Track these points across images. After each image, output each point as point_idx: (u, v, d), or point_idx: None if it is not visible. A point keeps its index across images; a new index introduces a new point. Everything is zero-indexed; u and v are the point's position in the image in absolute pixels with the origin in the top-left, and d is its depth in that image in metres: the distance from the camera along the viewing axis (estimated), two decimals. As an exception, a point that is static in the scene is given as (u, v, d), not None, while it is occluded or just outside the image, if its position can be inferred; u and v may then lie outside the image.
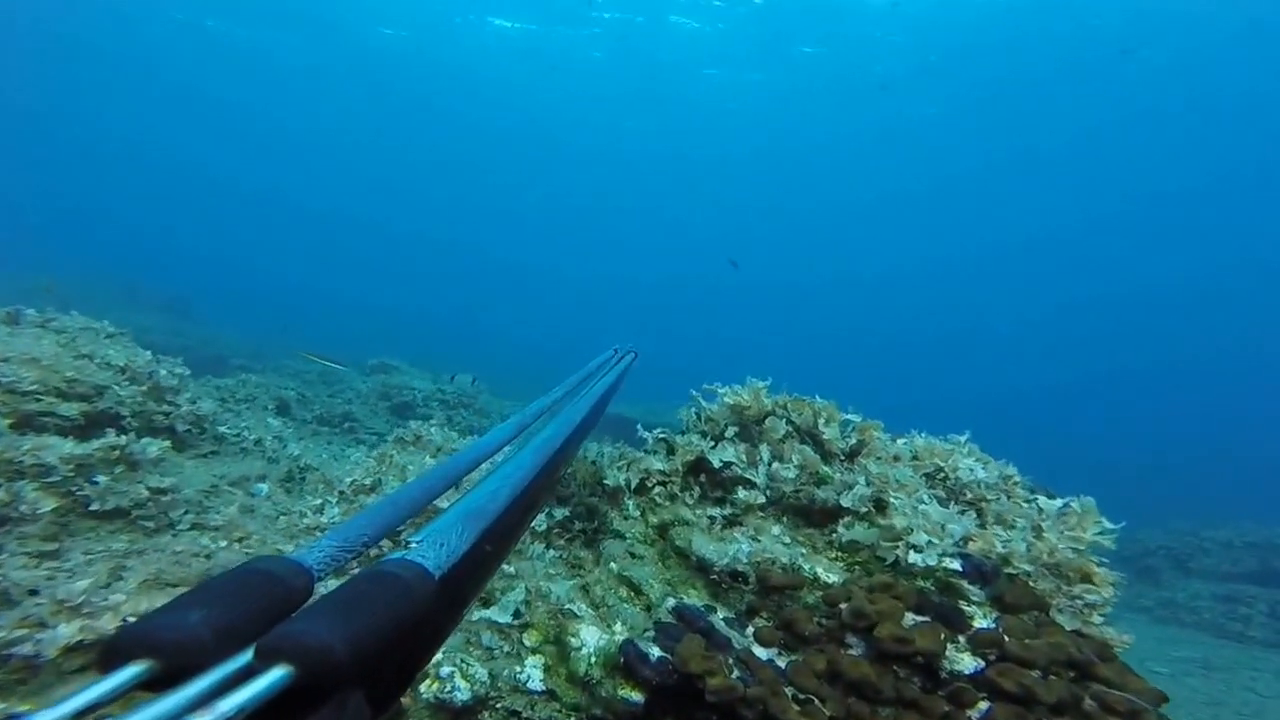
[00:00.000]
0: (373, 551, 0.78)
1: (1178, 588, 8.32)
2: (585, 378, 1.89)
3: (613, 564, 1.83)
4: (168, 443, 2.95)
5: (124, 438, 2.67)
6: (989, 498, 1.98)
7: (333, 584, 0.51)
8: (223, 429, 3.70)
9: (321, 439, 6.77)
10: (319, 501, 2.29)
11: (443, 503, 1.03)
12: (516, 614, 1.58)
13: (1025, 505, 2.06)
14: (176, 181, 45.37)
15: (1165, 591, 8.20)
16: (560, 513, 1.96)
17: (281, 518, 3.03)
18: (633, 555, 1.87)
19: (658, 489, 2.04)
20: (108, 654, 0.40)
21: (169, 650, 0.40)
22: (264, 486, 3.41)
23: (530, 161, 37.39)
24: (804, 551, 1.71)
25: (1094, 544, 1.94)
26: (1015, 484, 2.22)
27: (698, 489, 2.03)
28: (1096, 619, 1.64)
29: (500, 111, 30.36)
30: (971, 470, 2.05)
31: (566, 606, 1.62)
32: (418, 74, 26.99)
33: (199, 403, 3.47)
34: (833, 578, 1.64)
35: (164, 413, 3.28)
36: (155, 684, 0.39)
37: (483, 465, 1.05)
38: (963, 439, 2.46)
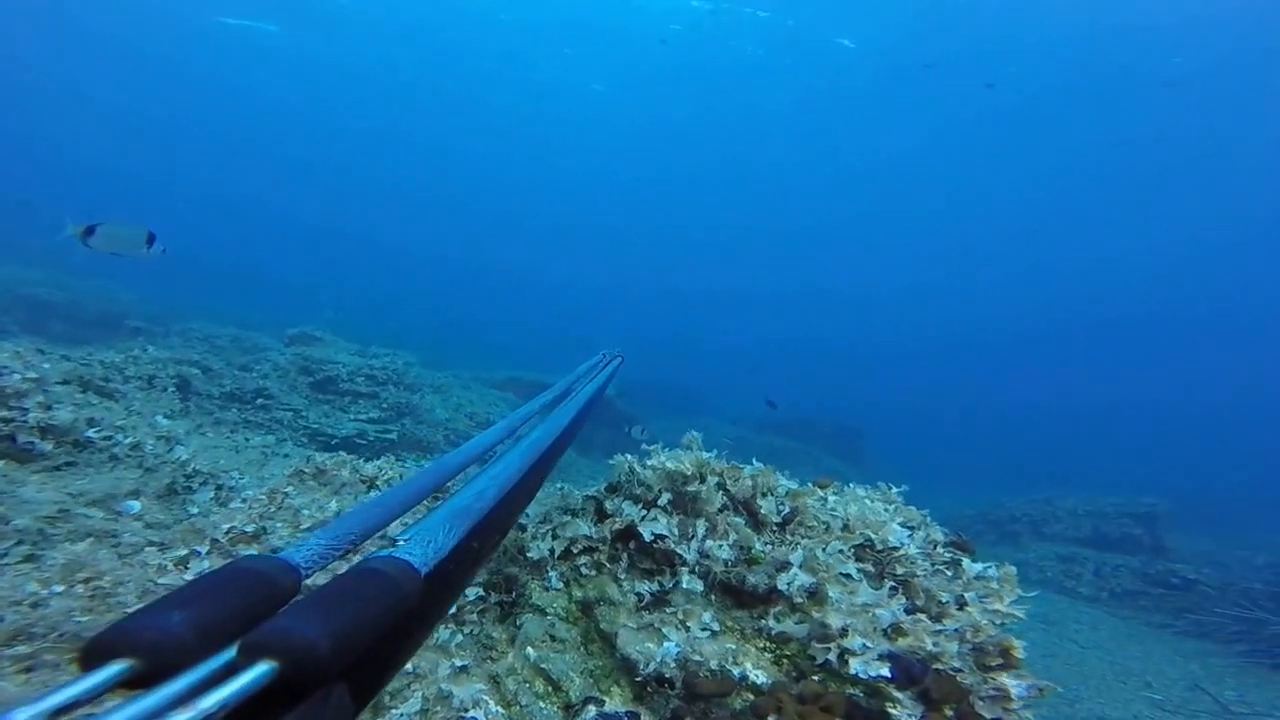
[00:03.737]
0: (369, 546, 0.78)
1: (1031, 550, 9.43)
2: (574, 381, 1.96)
3: (529, 649, 1.67)
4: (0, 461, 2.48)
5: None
6: (918, 572, 1.98)
7: (322, 581, 0.51)
8: (90, 433, 3.18)
9: (226, 425, 6.13)
10: (185, 553, 1.97)
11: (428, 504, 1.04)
12: (411, 728, 1.40)
13: (948, 573, 2.08)
14: (67, 113, 39.42)
15: (1022, 554, 9.25)
16: (474, 592, 1.77)
17: (149, 548, 2.64)
18: (553, 638, 1.71)
19: (584, 557, 1.89)
20: (88, 653, 0.39)
21: (150, 649, 0.39)
22: (135, 504, 2.97)
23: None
24: (733, 646, 1.62)
25: (1008, 616, 1.99)
26: (937, 547, 2.24)
27: (627, 558, 1.89)
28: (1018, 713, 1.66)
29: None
30: (900, 540, 2.04)
31: (470, 714, 1.45)
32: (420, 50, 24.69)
33: (54, 409, 2.95)
34: (761, 678, 1.56)
35: (2, 420, 2.75)
36: (137, 683, 0.38)
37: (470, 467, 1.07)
38: (895, 492, 2.47)
